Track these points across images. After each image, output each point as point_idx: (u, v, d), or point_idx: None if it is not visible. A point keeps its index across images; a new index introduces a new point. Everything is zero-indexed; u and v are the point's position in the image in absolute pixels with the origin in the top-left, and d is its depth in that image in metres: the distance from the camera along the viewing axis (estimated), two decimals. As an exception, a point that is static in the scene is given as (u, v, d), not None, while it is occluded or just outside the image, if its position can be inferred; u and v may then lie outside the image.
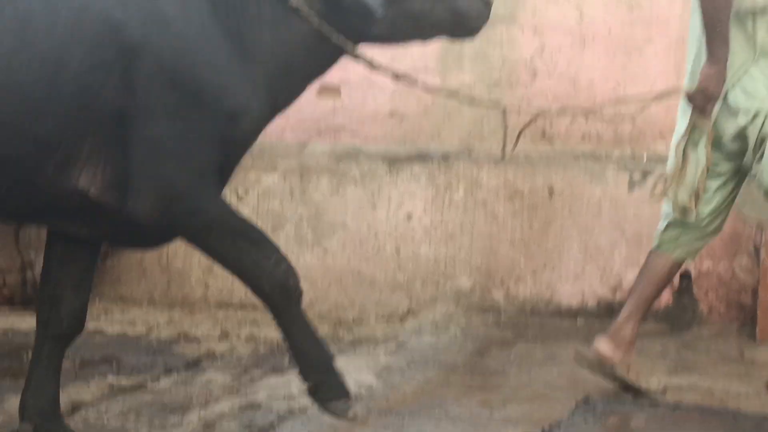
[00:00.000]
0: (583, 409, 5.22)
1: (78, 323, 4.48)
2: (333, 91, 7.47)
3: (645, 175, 6.91)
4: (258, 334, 6.46)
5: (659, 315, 6.92)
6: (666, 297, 6.90)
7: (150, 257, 7.29)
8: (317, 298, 7.02)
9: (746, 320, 6.80)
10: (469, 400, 5.35)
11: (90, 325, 6.39)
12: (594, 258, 7.01)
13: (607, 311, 6.96)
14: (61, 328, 4.44)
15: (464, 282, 7.09)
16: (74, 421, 4.81)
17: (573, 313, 7.01)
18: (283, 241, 6.94)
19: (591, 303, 7.01)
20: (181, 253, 7.22)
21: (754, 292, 6.69)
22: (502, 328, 6.78)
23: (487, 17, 4.63)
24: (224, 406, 5.11)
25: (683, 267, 6.77)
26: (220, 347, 6.26)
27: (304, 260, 6.85)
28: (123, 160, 4.12)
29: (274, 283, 4.31)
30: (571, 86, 7.31)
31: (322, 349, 4.46)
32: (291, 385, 5.16)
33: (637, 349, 6.28)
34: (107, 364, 5.88)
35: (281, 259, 4.36)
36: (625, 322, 5.54)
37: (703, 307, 6.86)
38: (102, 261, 7.23)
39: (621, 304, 6.85)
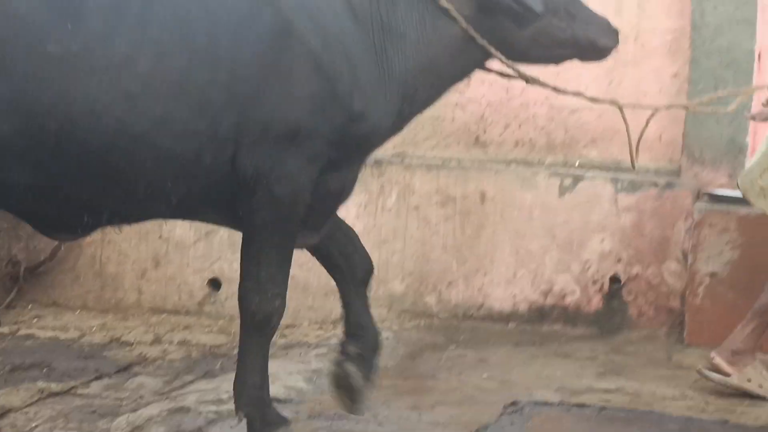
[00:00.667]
0: (511, 412, 5.27)
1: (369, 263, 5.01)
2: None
3: (576, 181, 6.98)
4: (191, 340, 6.47)
5: (589, 319, 6.99)
6: (596, 301, 6.98)
7: (83, 262, 7.26)
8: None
9: (675, 324, 6.87)
10: (398, 403, 5.39)
11: (22, 330, 6.44)
12: (525, 263, 7.06)
13: (538, 316, 7.03)
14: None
15: (397, 287, 7.12)
16: (2, 426, 4.80)
17: (504, 318, 7.06)
18: (217, 246, 6.97)
19: (522, 307, 7.06)
20: (115, 259, 7.22)
21: (683, 297, 6.77)
22: (434, 332, 6.82)
23: (617, 42, 4.81)
24: (153, 410, 5.11)
25: (613, 271, 6.89)
26: (153, 352, 6.26)
27: (237, 266, 6.82)
28: (265, 148, 4.30)
29: (264, 309, 4.44)
30: (505, 92, 7.36)
31: (265, 386, 4.54)
32: (221, 389, 5.19)
33: (565, 353, 6.39)
34: (38, 369, 5.86)
35: (281, 295, 4.51)
36: (744, 336, 5.80)
37: (632, 311, 6.93)
38: (35, 267, 7.24)
39: (552, 309, 6.99)
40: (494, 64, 4.74)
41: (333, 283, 7.06)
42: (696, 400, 5.57)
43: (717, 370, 5.68)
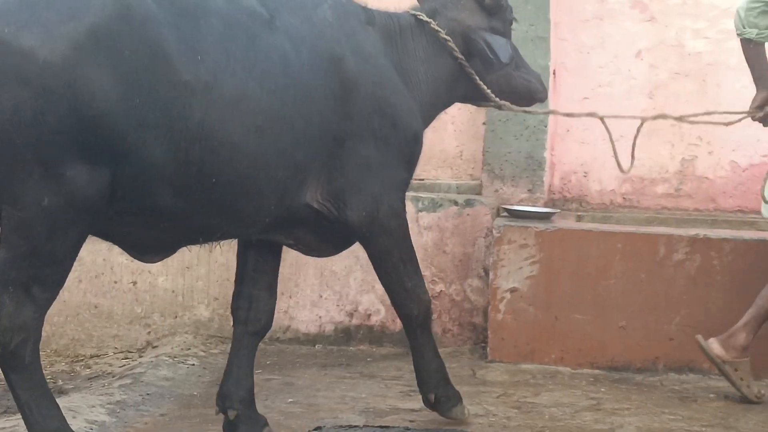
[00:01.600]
0: (317, 437, 5.28)
1: (270, 320, 5.17)
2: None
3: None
4: (-9, 375, 6.30)
5: (394, 338, 7.06)
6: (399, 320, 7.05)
7: None
8: (54, 334, 6.91)
9: (478, 340, 7.00)
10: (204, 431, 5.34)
11: None
12: (330, 284, 7.09)
13: (344, 337, 7.07)
14: (259, 325, 5.11)
15: (203, 312, 7.08)
16: None
17: (311, 340, 7.08)
18: None
19: (328, 329, 7.10)
20: None
21: (485, 313, 6.88)
22: (241, 357, 6.77)
23: (546, 96, 5.74)
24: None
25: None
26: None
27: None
28: (339, 178, 4.85)
29: (421, 308, 5.24)
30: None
31: (443, 367, 5.46)
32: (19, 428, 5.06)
33: (371, 373, 6.43)
34: None
35: (427, 291, 5.30)
36: (741, 329, 5.96)
37: (436, 328, 7.00)
38: None
39: (358, 329, 7.03)
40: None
41: (138, 310, 7.05)
42: (498, 416, 5.65)
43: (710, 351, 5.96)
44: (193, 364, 6.54)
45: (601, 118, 5.79)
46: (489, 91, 5.41)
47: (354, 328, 7.06)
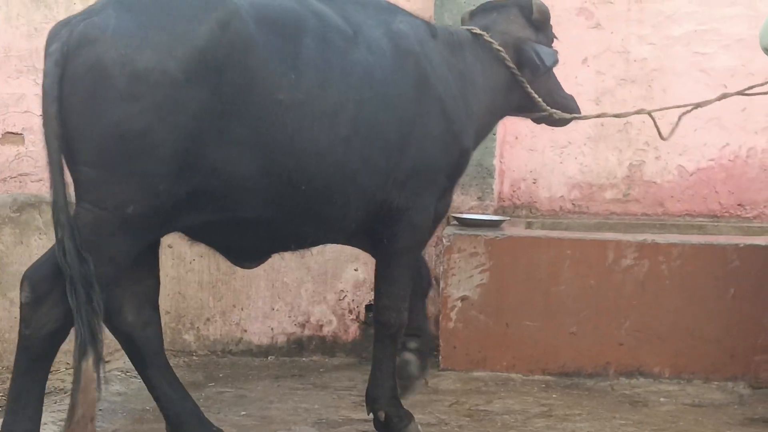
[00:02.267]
0: (269, 450, 5.28)
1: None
2: (16, 138, 7.34)
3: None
4: None
5: (347, 348, 7.07)
6: (353, 330, 7.08)
7: None
8: (4, 351, 6.86)
9: (431, 349, 7.00)
10: (156, 446, 5.33)
11: None
12: (282, 296, 7.10)
13: (296, 348, 7.07)
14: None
15: (154, 326, 7.04)
16: None
17: (263, 352, 7.08)
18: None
19: (281, 340, 7.10)
20: None
21: (437, 322, 6.90)
22: (193, 370, 6.78)
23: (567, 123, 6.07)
24: None
25: (368, 300, 6.98)
26: None
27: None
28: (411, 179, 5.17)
29: (399, 321, 5.35)
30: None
31: (396, 387, 5.45)
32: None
33: (324, 383, 6.44)
34: None
35: (407, 309, 5.41)
36: None
37: (388, 338, 7.03)
38: None
39: (310, 340, 7.04)
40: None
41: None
42: (451, 425, 5.67)
43: None
44: (145, 380, 6.51)
45: (650, 113, 6.07)
46: (539, 98, 5.71)
47: (306, 339, 7.07)
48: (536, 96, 5.67)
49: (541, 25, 5.78)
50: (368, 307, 7.02)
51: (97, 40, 4.25)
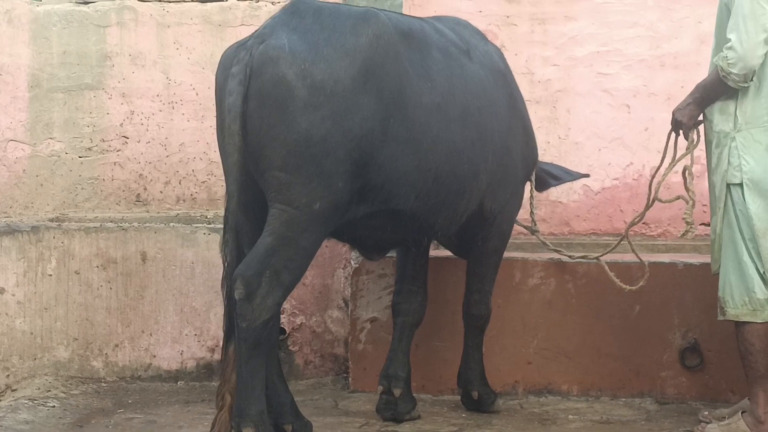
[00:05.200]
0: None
1: (423, 314, 6.21)
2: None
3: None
4: None
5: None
6: (262, 354, 7.04)
7: None
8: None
9: (340, 371, 7.02)
10: (63, 475, 5.27)
11: None
12: (191, 320, 7.06)
13: (206, 372, 7.04)
14: (418, 317, 6.18)
15: (62, 353, 6.98)
16: None
17: (173, 377, 7.04)
18: None
19: (190, 365, 7.06)
20: None
21: (346, 344, 6.91)
22: (102, 396, 6.70)
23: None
24: None
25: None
26: None
27: None
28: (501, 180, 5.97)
29: (487, 313, 6.25)
30: (163, 149, 7.38)
31: (484, 370, 6.31)
32: None
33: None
34: None
35: (491, 305, 6.28)
36: None
37: (298, 360, 7.04)
38: None
39: (219, 364, 6.98)
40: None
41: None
42: (359, 446, 5.70)
43: None
44: (54, 406, 6.44)
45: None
46: None
47: (216, 364, 7.02)
48: None
49: None
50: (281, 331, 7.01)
51: (279, 58, 4.87)
